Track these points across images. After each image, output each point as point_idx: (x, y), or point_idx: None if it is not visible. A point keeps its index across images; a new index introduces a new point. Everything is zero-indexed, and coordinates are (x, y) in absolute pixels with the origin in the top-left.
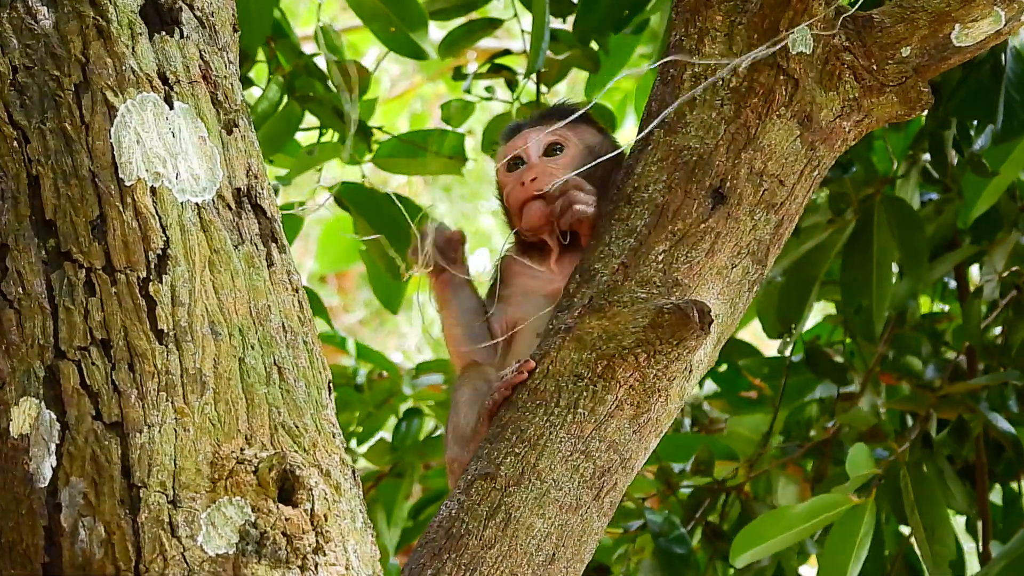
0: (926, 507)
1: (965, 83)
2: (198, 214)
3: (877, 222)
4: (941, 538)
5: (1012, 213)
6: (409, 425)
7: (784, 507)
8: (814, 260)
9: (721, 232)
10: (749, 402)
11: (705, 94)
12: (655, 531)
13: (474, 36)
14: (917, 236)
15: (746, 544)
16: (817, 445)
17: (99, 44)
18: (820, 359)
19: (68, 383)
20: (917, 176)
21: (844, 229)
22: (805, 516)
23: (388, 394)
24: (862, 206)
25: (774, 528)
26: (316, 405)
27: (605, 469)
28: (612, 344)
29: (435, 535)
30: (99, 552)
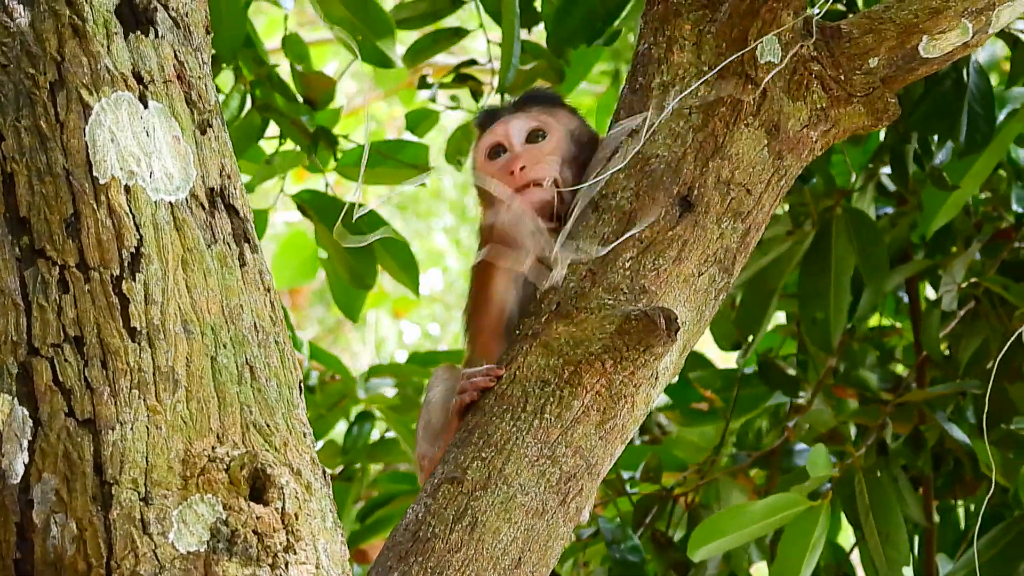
0: (881, 512)
1: (927, 97)
2: (171, 213)
3: (836, 234)
4: (895, 543)
5: (966, 228)
6: (360, 428)
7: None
8: (773, 272)
9: (688, 240)
10: (700, 414)
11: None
12: (608, 539)
13: (440, 45)
14: (877, 249)
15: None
16: (766, 454)
17: (74, 43)
18: (773, 371)
19: (41, 380)
20: (873, 190)
21: (803, 241)
22: (762, 514)
23: (340, 396)
24: (821, 218)
25: (731, 524)
26: (287, 404)
27: (571, 474)
28: (579, 350)
29: (401, 538)
30: (71, 548)
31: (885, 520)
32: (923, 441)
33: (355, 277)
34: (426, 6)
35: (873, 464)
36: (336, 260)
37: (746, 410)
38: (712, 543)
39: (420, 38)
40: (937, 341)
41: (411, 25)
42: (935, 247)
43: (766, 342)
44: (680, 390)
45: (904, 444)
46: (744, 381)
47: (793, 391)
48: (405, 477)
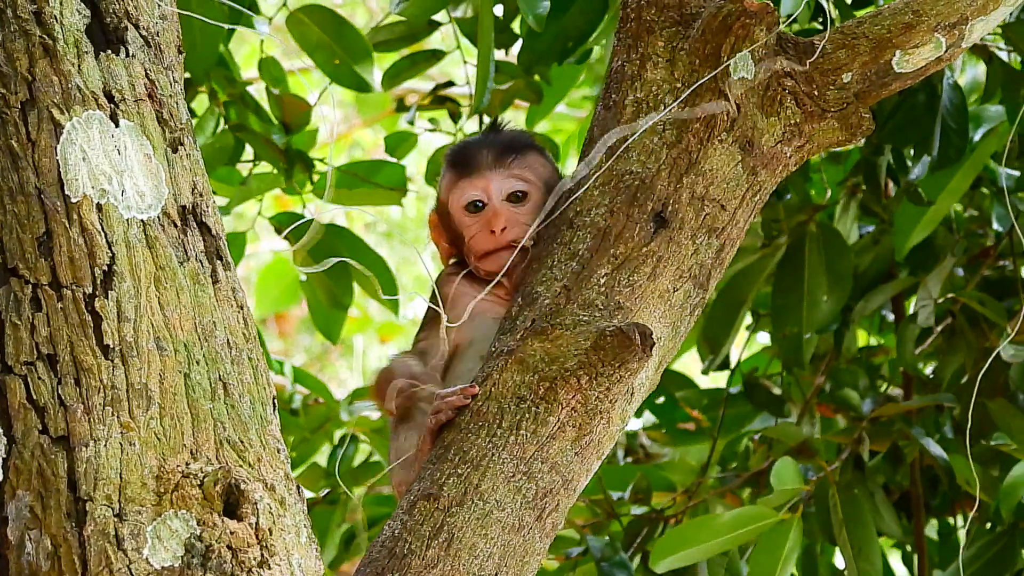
0: (854, 526)
1: (899, 110)
2: (144, 231)
3: (808, 249)
4: (868, 556)
5: (949, 245)
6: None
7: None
8: (743, 283)
9: (663, 256)
10: (687, 434)
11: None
12: (597, 556)
13: (417, 68)
14: (843, 264)
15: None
16: (754, 474)
17: (45, 62)
18: (758, 391)
19: (14, 398)
20: (856, 208)
21: (775, 254)
22: (730, 526)
23: (324, 419)
24: (794, 232)
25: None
26: (261, 420)
27: (547, 490)
28: (554, 366)
29: (378, 555)
30: (45, 565)
31: (858, 535)
32: (901, 457)
33: (332, 299)
34: (403, 29)
35: (849, 480)
36: (315, 282)
37: (732, 430)
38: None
39: (397, 61)
40: (913, 356)
41: (388, 48)
42: (919, 265)
43: (751, 362)
44: (666, 410)
45: (883, 460)
46: (730, 401)
47: (779, 411)
48: (389, 500)
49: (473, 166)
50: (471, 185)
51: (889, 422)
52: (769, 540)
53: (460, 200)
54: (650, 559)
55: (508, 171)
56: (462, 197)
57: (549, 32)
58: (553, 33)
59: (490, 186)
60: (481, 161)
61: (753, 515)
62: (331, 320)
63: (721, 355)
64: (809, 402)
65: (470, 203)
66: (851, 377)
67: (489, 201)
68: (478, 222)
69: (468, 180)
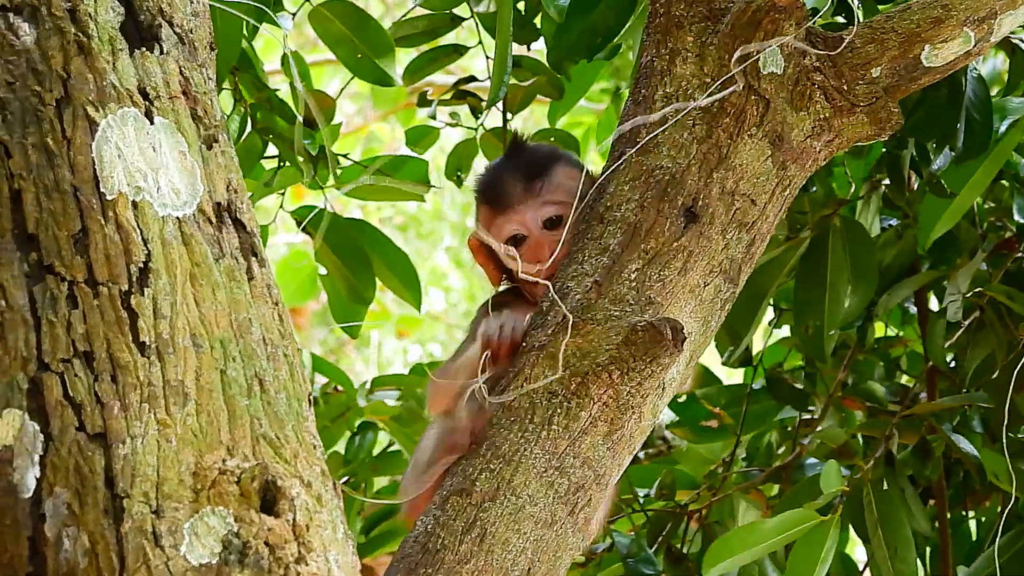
0: (889, 525)
1: (923, 103)
2: (179, 228)
3: (832, 243)
4: (903, 556)
5: (972, 239)
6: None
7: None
8: (766, 275)
9: (693, 251)
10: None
11: (677, 114)
12: (623, 552)
13: (439, 63)
14: (867, 257)
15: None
16: (778, 469)
17: (80, 60)
18: (781, 385)
19: (51, 395)
20: (878, 201)
21: (799, 247)
22: (775, 531)
23: (343, 408)
24: (818, 226)
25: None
26: (297, 417)
27: (579, 485)
28: (586, 361)
29: (411, 550)
30: (83, 562)
31: (894, 534)
32: (930, 451)
33: (354, 293)
34: (425, 24)
35: (880, 475)
36: (335, 276)
37: (755, 425)
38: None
39: (419, 56)
40: (942, 350)
41: (410, 43)
42: (941, 258)
43: (773, 356)
44: (688, 407)
45: (911, 455)
46: (752, 396)
47: (802, 405)
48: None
49: (506, 200)
50: (508, 221)
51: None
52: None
53: (501, 235)
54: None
55: (540, 199)
56: (502, 232)
57: (577, 28)
58: (581, 29)
59: (526, 219)
60: (513, 194)
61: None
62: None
63: (742, 347)
64: (832, 396)
65: (510, 238)
66: (869, 368)
67: (529, 233)
68: (524, 255)
69: (504, 216)
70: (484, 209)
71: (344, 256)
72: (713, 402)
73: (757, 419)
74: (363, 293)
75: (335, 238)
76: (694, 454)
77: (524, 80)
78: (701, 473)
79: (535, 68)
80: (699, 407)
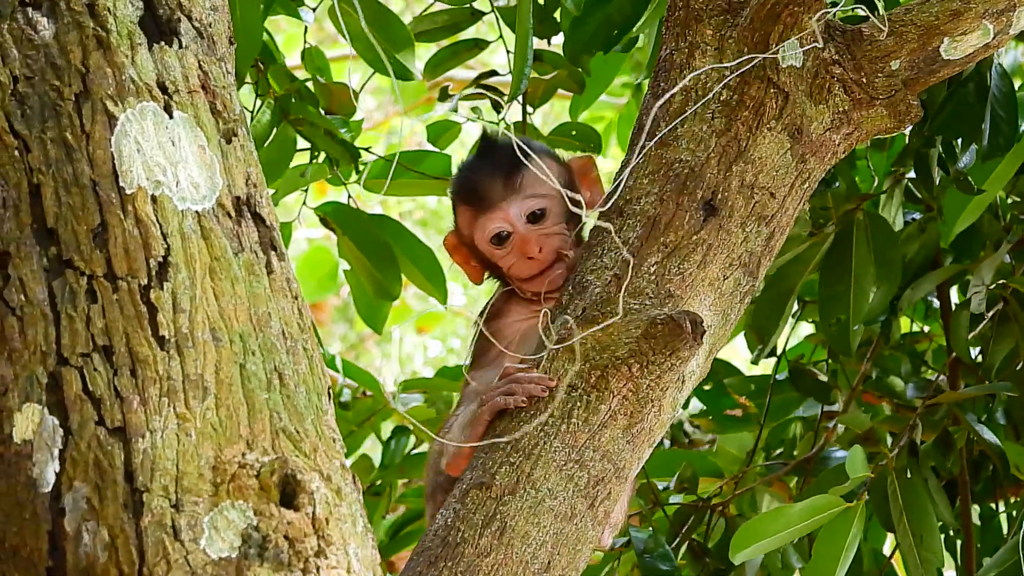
0: (914, 513)
1: (950, 101)
2: (198, 222)
3: (856, 237)
4: (929, 544)
5: (995, 232)
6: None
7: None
8: (792, 272)
9: (713, 244)
10: (734, 420)
11: (696, 107)
12: (639, 548)
13: (460, 57)
14: (892, 253)
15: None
16: (801, 462)
17: (99, 54)
18: (804, 378)
19: (71, 389)
20: (900, 195)
21: (823, 243)
22: (800, 516)
23: (370, 412)
24: (842, 220)
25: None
26: (316, 410)
27: (599, 478)
28: (606, 355)
29: (431, 544)
30: (103, 556)
31: (918, 522)
32: (952, 443)
33: (379, 288)
34: (445, 19)
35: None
36: (360, 271)
37: (779, 416)
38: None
39: (440, 50)
40: (966, 343)
41: (431, 38)
42: (964, 252)
43: (798, 350)
44: (714, 396)
45: (933, 446)
46: (776, 387)
47: (825, 397)
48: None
49: (486, 198)
50: (490, 220)
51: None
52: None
53: (485, 235)
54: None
55: (522, 194)
56: (485, 232)
57: (594, 20)
58: (598, 21)
59: (510, 215)
60: (492, 191)
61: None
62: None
63: (770, 344)
64: (855, 389)
65: (494, 236)
66: (895, 364)
67: (514, 230)
68: (510, 252)
69: (486, 215)
70: (464, 210)
71: (368, 251)
72: (739, 392)
73: (780, 410)
74: (388, 288)
75: (359, 233)
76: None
77: (545, 74)
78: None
79: (555, 62)
80: (725, 396)
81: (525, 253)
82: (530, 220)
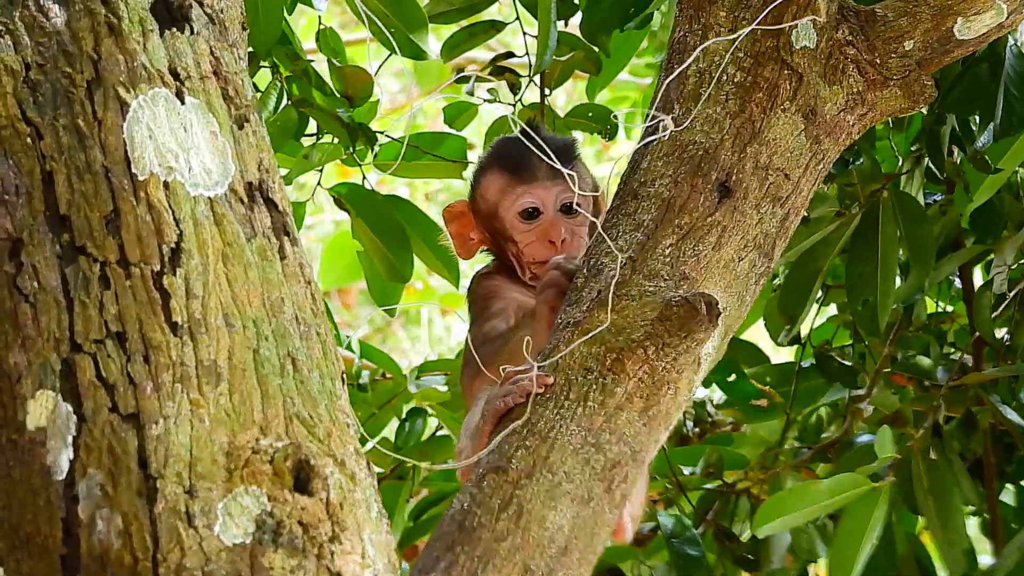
0: (939, 496)
1: (962, 80)
2: (211, 208)
3: (883, 218)
4: (954, 527)
5: (1017, 213)
6: (412, 425)
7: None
8: (818, 254)
9: (728, 226)
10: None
11: (710, 89)
12: (667, 532)
13: (476, 39)
14: (923, 230)
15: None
16: (827, 446)
17: (111, 41)
18: (830, 363)
19: (84, 376)
20: (921, 176)
21: (849, 223)
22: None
23: (391, 395)
24: (868, 201)
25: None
26: (330, 395)
27: (616, 462)
28: (621, 337)
29: (448, 528)
30: (117, 543)
31: (943, 504)
32: (975, 424)
33: (391, 270)
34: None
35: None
36: (373, 253)
37: (805, 404)
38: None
39: (456, 32)
40: (990, 323)
41: (448, 19)
42: (986, 232)
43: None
44: (737, 386)
45: (957, 427)
46: (801, 374)
47: (851, 382)
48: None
49: (530, 172)
50: (529, 193)
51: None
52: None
53: (515, 206)
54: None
55: (564, 183)
56: (517, 203)
57: None
58: None
59: (547, 196)
60: (538, 168)
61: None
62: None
63: (797, 327)
64: (880, 371)
65: (525, 210)
66: (920, 345)
67: (545, 210)
68: (533, 231)
69: (526, 187)
70: (499, 176)
71: (381, 233)
72: (762, 381)
73: (807, 397)
74: (401, 270)
75: (372, 215)
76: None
77: (561, 55)
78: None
79: (572, 43)
80: (748, 386)
81: (549, 236)
82: (563, 210)
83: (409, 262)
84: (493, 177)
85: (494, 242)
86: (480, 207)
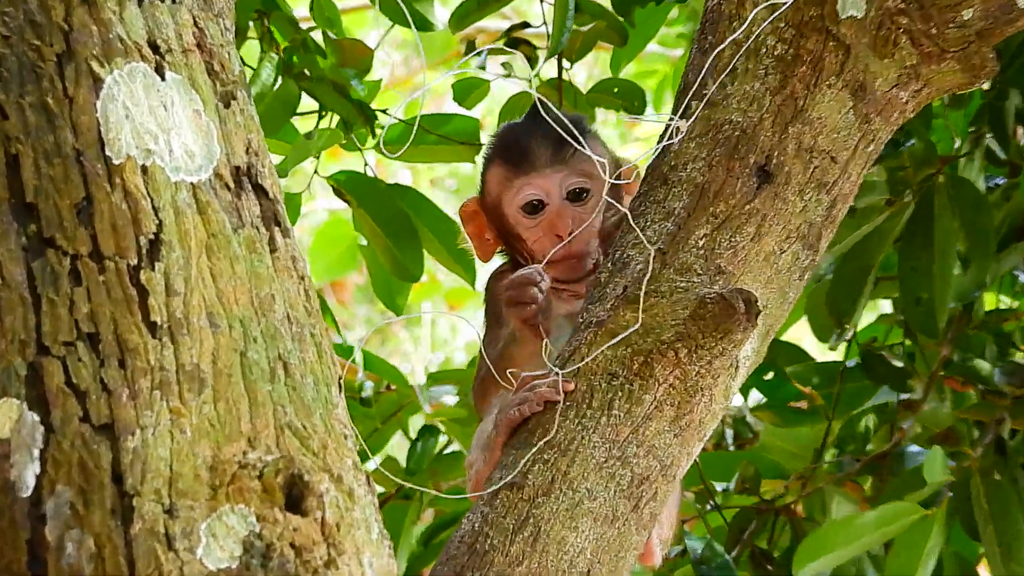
0: (1001, 520)
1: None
2: (193, 195)
3: (939, 205)
4: (1017, 555)
5: None
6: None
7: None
8: (870, 247)
9: (768, 214)
10: (798, 413)
11: (748, 63)
12: (696, 558)
13: (486, 9)
14: (983, 220)
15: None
16: (876, 459)
17: (83, 10)
18: (877, 363)
19: (52, 381)
20: (981, 158)
21: (902, 213)
22: (873, 526)
23: (396, 407)
24: (922, 187)
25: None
26: (325, 404)
27: (644, 477)
28: (649, 339)
29: (457, 551)
30: (88, 568)
31: (1006, 530)
32: None
33: (399, 268)
34: None
35: (990, 465)
36: (377, 247)
37: (850, 408)
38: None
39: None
40: None
41: None
42: None
43: (869, 332)
44: (775, 387)
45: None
46: (847, 375)
47: (901, 385)
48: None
49: (530, 162)
50: (529, 184)
51: None
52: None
53: (516, 200)
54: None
55: (568, 168)
56: (518, 197)
57: None
58: None
59: (550, 185)
60: (538, 156)
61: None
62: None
63: (848, 328)
64: (935, 374)
65: (527, 204)
66: (978, 344)
67: (549, 201)
68: (539, 224)
69: (525, 178)
70: (501, 169)
71: (386, 225)
72: (804, 381)
73: (851, 400)
74: (409, 268)
75: (375, 205)
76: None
77: (583, 25)
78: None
79: (595, 12)
80: (788, 387)
81: (554, 229)
82: (570, 197)
83: (418, 258)
84: (494, 170)
85: (505, 240)
86: (488, 204)
